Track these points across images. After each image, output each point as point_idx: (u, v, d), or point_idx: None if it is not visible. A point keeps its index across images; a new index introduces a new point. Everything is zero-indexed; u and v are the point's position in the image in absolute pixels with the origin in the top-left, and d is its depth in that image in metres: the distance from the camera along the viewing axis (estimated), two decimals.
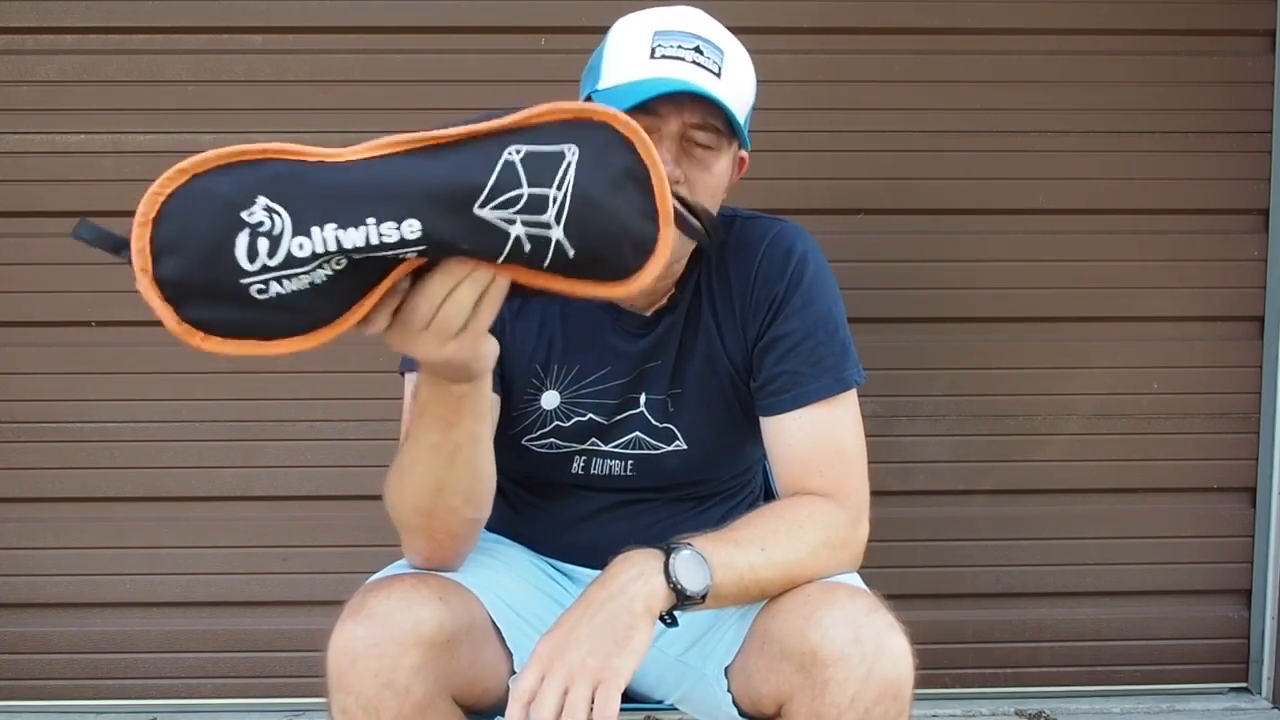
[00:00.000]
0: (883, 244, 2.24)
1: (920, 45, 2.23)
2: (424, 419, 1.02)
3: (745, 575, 1.07)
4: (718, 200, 1.20)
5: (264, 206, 0.78)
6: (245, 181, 0.79)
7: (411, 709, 1.02)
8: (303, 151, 0.82)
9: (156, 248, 0.79)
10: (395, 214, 0.79)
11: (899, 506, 2.29)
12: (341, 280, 0.82)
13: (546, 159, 0.81)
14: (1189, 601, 2.35)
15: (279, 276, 0.79)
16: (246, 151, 0.80)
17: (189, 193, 0.79)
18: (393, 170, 0.81)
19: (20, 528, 2.23)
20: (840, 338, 1.25)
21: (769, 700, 1.09)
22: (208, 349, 0.81)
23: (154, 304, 0.79)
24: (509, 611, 1.20)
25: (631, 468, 1.31)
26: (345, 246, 0.79)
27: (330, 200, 0.79)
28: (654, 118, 1.12)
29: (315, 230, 0.79)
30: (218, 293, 0.79)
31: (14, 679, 2.25)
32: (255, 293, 0.79)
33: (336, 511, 2.23)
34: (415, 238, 0.80)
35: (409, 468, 1.07)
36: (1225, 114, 2.25)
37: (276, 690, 2.26)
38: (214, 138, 2.16)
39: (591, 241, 0.83)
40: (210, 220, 0.78)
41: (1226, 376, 2.30)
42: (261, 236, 0.78)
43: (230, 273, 0.78)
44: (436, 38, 2.18)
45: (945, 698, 2.30)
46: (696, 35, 1.15)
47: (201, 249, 0.78)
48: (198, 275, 0.79)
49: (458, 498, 1.09)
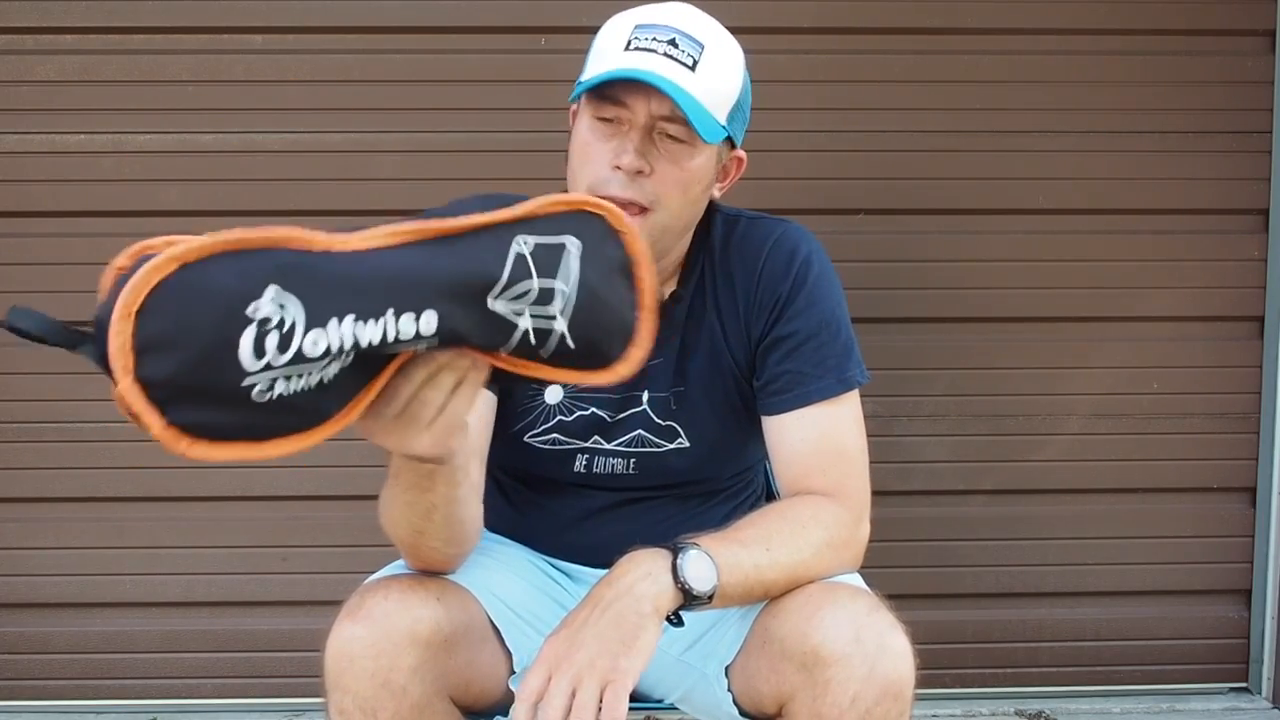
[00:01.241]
0: (883, 244, 2.24)
1: (920, 45, 2.23)
2: (398, 478, 1.00)
3: (750, 575, 1.07)
4: (696, 196, 1.19)
5: (272, 299, 0.71)
6: (249, 271, 0.72)
7: (409, 709, 1.02)
8: (305, 238, 0.75)
9: (140, 344, 0.70)
10: (413, 306, 0.75)
11: (899, 506, 2.29)
12: (346, 375, 0.77)
13: (552, 250, 0.81)
14: (1189, 601, 2.35)
15: (286, 375, 0.72)
16: (245, 239, 0.73)
17: (180, 283, 0.70)
18: (406, 261, 0.77)
19: (20, 528, 2.23)
20: (843, 338, 1.25)
21: (770, 700, 1.09)
22: (194, 456, 0.72)
23: (138, 407, 0.70)
24: (508, 612, 1.20)
25: (634, 466, 1.31)
26: (361, 342, 0.74)
27: (346, 291, 0.74)
28: (624, 109, 1.13)
29: (333, 323, 0.73)
30: (212, 394, 0.71)
31: (14, 679, 2.24)
32: (256, 395, 0.72)
33: (336, 511, 2.23)
34: (431, 332, 0.77)
35: (391, 508, 1.06)
36: (1225, 114, 2.25)
37: (276, 690, 2.26)
38: (214, 138, 2.17)
39: (590, 333, 0.84)
40: (210, 315, 0.70)
41: (1226, 376, 2.30)
42: (270, 331, 0.71)
43: (231, 372, 0.71)
44: (436, 38, 2.18)
45: (945, 698, 2.30)
46: (676, 29, 1.14)
47: (199, 346, 0.70)
48: (192, 375, 0.70)
49: (437, 540, 1.09)
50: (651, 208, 1.15)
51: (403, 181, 2.16)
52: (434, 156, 2.16)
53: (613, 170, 1.14)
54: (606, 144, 1.15)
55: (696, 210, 1.22)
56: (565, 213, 0.84)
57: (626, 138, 1.13)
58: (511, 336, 0.81)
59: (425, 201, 2.09)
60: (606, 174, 1.14)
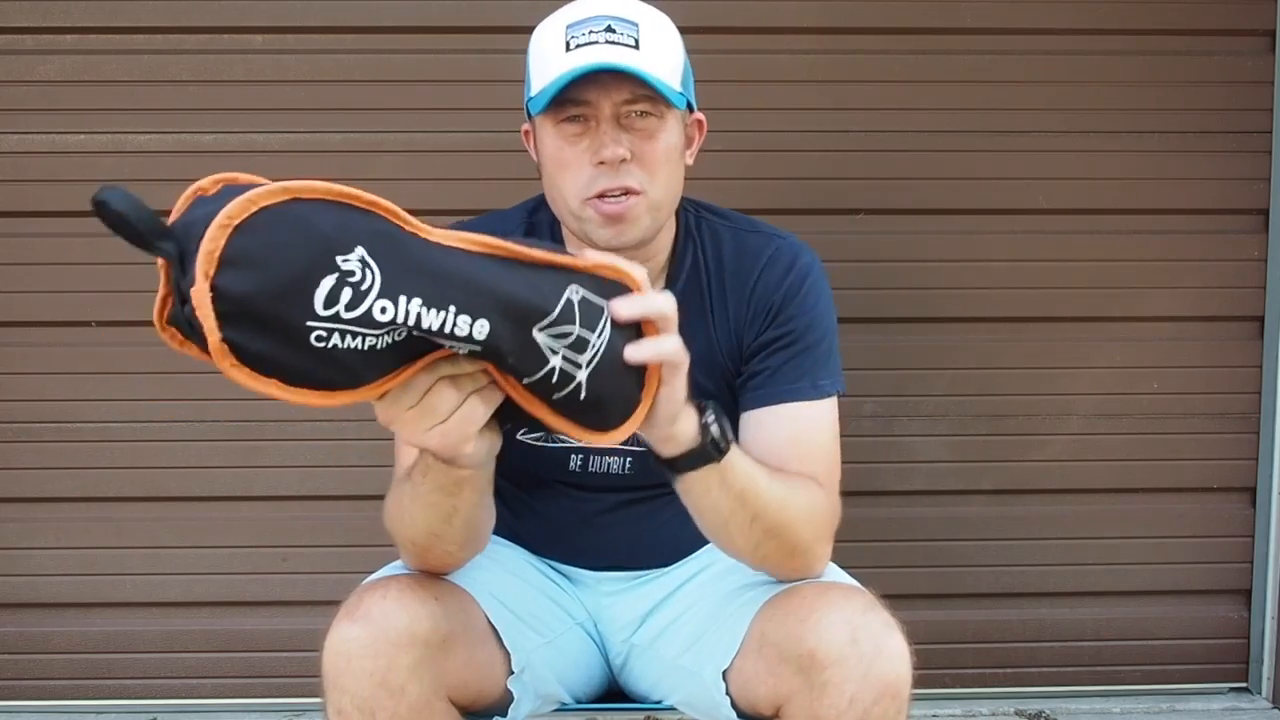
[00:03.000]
0: (882, 244, 2.24)
1: (920, 45, 2.22)
2: (425, 478, 1.00)
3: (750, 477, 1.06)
4: (676, 167, 1.20)
5: (360, 258, 0.75)
6: (349, 225, 0.76)
7: (407, 709, 1.02)
8: (402, 216, 0.80)
9: (228, 255, 0.72)
10: (473, 310, 0.80)
11: (899, 506, 2.29)
12: (391, 351, 0.80)
13: (594, 308, 0.87)
14: (1189, 601, 2.35)
15: (347, 330, 0.76)
16: (356, 196, 0.77)
17: (285, 213, 0.74)
18: (479, 269, 0.81)
19: (20, 528, 2.23)
20: (825, 346, 1.25)
21: (767, 703, 1.09)
22: (233, 376, 0.75)
23: (203, 311, 0.72)
24: (506, 612, 1.20)
25: (630, 466, 1.31)
26: (422, 324, 0.78)
27: (422, 275, 0.78)
28: (587, 106, 1.14)
29: (402, 299, 0.77)
30: (276, 325, 0.74)
31: (14, 679, 2.25)
32: (314, 339, 0.75)
33: (336, 511, 2.23)
34: (480, 338, 0.80)
35: (406, 508, 1.06)
36: (1225, 114, 2.25)
37: (276, 690, 2.26)
38: (214, 137, 2.17)
39: (601, 392, 0.88)
40: (303, 250, 0.74)
41: (1226, 376, 2.30)
42: (348, 286, 0.75)
43: (301, 311, 0.74)
44: (436, 38, 2.18)
45: (945, 698, 2.30)
46: (606, 16, 1.14)
47: (283, 276, 0.73)
48: (264, 300, 0.73)
49: (453, 545, 1.09)
50: (643, 189, 1.16)
51: (403, 181, 2.15)
52: (434, 156, 2.16)
53: (596, 168, 1.15)
54: (579, 146, 1.15)
55: (679, 182, 1.23)
56: (611, 280, 0.89)
57: (598, 133, 1.14)
58: (541, 369, 0.85)
59: (425, 201, 2.09)
60: (590, 173, 1.15)
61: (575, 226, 1.20)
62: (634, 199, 1.15)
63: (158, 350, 2.46)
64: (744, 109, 2.17)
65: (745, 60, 2.19)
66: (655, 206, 1.18)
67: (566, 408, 0.88)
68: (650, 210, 1.17)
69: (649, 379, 0.92)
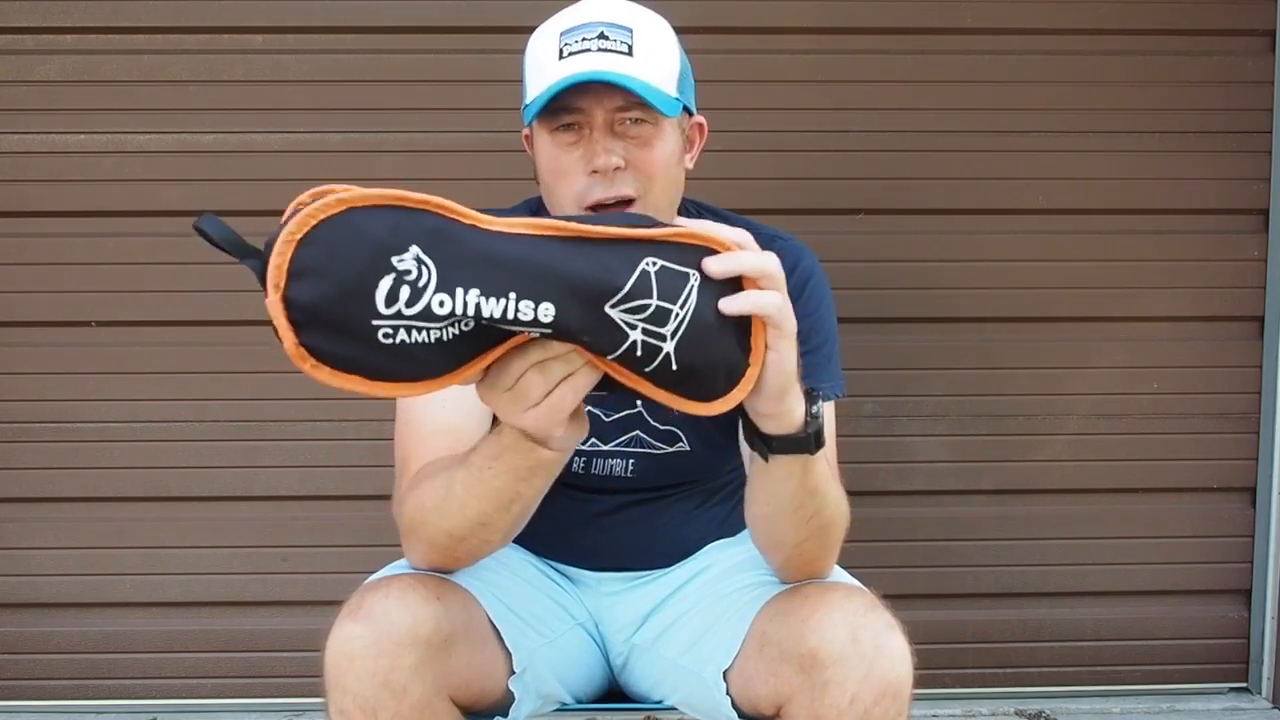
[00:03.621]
0: (882, 244, 2.24)
1: (920, 45, 2.23)
2: (497, 461, 0.98)
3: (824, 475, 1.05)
4: (673, 173, 1.20)
5: (415, 256, 0.80)
6: (402, 227, 0.80)
7: (409, 709, 1.02)
8: (457, 210, 0.83)
9: (295, 268, 0.79)
10: (535, 294, 0.81)
11: (899, 506, 2.29)
12: (462, 340, 0.83)
13: (676, 276, 0.86)
14: (1189, 601, 2.35)
15: (411, 326, 0.80)
16: (407, 198, 0.81)
17: (342, 223, 0.79)
18: (540, 252, 0.83)
19: (20, 528, 2.23)
20: (826, 351, 1.26)
21: (768, 702, 1.09)
22: (318, 377, 0.81)
23: (279, 323, 0.79)
24: (507, 612, 1.20)
25: (632, 468, 1.31)
26: (483, 314, 0.81)
27: (478, 266, 0.81)
28: (579, 114, 1.14)
29: (459, 291, 0.80)
30: (344, 327, 0.80)
31: (14, 679, 2.25)
32: (381, 336, 0.80)
33: (336, 511, 2.23)
34: (547, 321, 0.82)
35: (460, 497, 1.03)
36: (1225, 114, 2.25)
37: (276, 690, 2.26)
38: (214, 137, 2.17)
39: (694, 361, 0.88)
40: (360, 256, 0.79)
41: (1226, 376, 2.30)
42: (405, 284, 0.79)
43: (364, 311, 0.79)
44: (437, 38, 2.18)
45: (945, 698, 2.30)
46: (600, 22, 1.14)
47: (344, 281, 0.79)
48: (332, 306, 0.79)
49: (497, 534, 1.07)
50: (639, 196, 1.16)
51: (403, 181, 2.14)
52: (434, 156, 2.16)
53: (590, 176, 1.15)
54: (574, 153, 1.15)
55: (678, 186, 1.23)
56: (698, 246, 0.88)
57: (592, 140, 1.14)
58: (620, 345, 0.85)
59: None
60: (585, 181, 1.15)
61: None
62: (631, 207, 1.15)
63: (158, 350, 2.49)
64: (744, 109, 2.17)
65: (745, 60, 2.19)
66: (652, 211, 1.17)
67: (662, 379, 0.88)
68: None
69: (754, 343, 0.90)
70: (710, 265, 0.87)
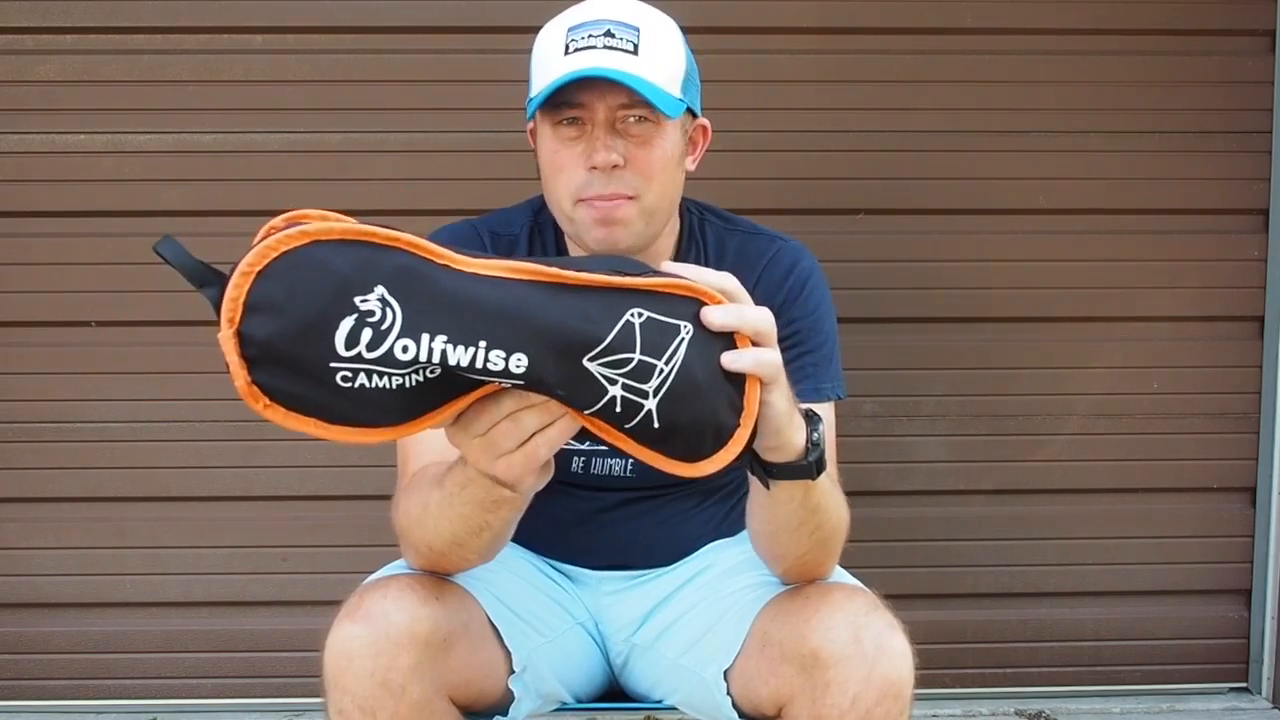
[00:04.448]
0: (883, 244, 2.24)
1: (919, 45, 2.22)
2: (464, 491, 0.97)
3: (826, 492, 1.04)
4: (673, 174, 1.20)
5: (380, 296, 0.76)
6: (369, 264, 0.76)
7: (408, 709, 1.02)
8: (430, 249, 0.78)
9: (252, 301, 0.75)
10: (507, 344, 0.77)
11: (899, 506, 2.29)
12: (427, 388, 0.79)
13: (663, 329, 0.82)
14: (1189, 601, 2.35)
15: (371, 370, 0.76)
16: (376, 234, 0.77)
17: (305, 257, 0.75)
18: (516, 298, 0.79)
19: (20, 528, 2.23)
20: (826, 351, 1.26)
21: (769, 702, 1.09)
22: (268, 417, 0.77)
23: (230, 358, 0.76)
24: (507, 611, 1.20)
25: (632, 468, 1.31)
26: (449, 362, 0.77)
27: (448, 310, 0.77)
28: (581, 110, 1.14)
29: (425, 337, 0.76)
30: (300, 367, 0.76)
31: (14, 679, 2.24)
32: (340, 380, 0.76)
33: (336, 511, 2.23)
34: (519, 372, 0.78)
35: (434, 516, 1.03)
36: (1225, 114, 2.25)
37: (276, 690, 2.25)
38: (214, 137, 2.17)
39: (678, 420, 0.83)
40: (321, 294, 0.75)
41: (1226, 376, 2.30)
42: (367, 326, 0.75)
43: (322, 352, 0.75)
44: (436, 38, 2.18)
45: (945, 698, 2.30)
46: (607, 20, 1.14)
47: (302, 319, 0.75)
48: (288, 344, 0.75)
49: (474, 554, 1.07)
50: (637, 195, 1.16)
51: (403, 181, 2.15)
52: (434, 156, 2.16)
53: (589, 172, 1.15)
54: (574, 149, 1.16)
55: (678, 187, 1.23)
56: (688, 297, 0.84)
57: (592, 137, 1.15)
58: (599, 400, 0.81)
59: (425, 202, 2.10)
60: (583, 178, 1.15)
61: (569, 229, 1.20)
62: (627, 204, 1.15)
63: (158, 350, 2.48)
64: (744, 109, 2.17)
65: (745, 60, 2.19)
66: (649, 212, 1.18)
67: (643, 436, 0.84)
68: (643, 216, 1.17)
69: (748, 402, 0.86)
70: (711, 317, 0.83)
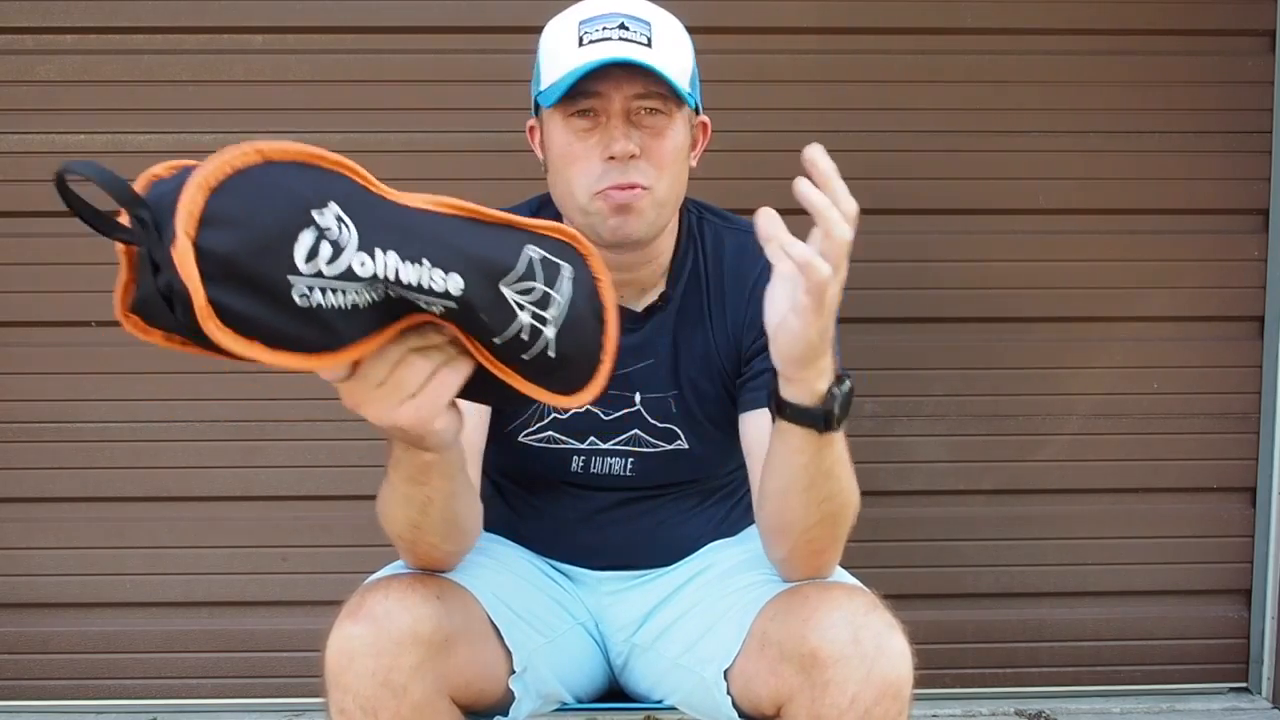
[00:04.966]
0: (882, 244, 2.24)
1: (920, 45, 2.23)
2: (395, 470, 1.00)
3: (843, 461, 1.04)
4: (681, 168, 1.21)
5: (335, 214, 0.76)
6: (321, 184, 0.77)
7: (409, 709, 1.02)
8: (368, 178, 0.81)
9: (207, 215, 0.72)
10: (446, 264, 0.80)
11: (899, 506, 2.29)
12: (372, 311, 0.80)
13: (553, 267, 0.87)
14: (1189, 601, 2.35)
15: (329, 286, 0.76)
16: (324, 157, 0.78)
17: (261, 174, 0.75)
18: (445, 226, 0.82)
19: (20, 528, 2.23)
20: None
21: (769, 702, 1.09)
22: (218, 339, 0.73)
23: (187, 271, 0.71)
24: (508, 611, 1.20)
25: (632, 467, 1.31)
26: (401, 279, 0.78)
27: (395, 231, 0.79)
28: (598, 99, 1.14)
29: (379, 253, 0.77)
30: (259, 282, 0.73)
31: (14, 679, 2.25)
32: (297, 296, 0.74)
33: (336, 511, 2.23)
34: (456, 293, 0.80)
35: (387, 504, 1.06)
36: (1225, 114, 2.25)
37: (276, 690, 2.26)
38: (214, 137, 2.16)
39: (569, 350, 0.88)
40: (279, 208, 0.74)
41: (1226, 376, 2.30)
42: (326, 241, 0.75)
43: (282, 266, 0.73)
44: (436, 38, 2.18)
45: (945, 698, 2.30)
46: (619, 14, 1.16)
47: (262, 231, 0.73)
48: (248, 257, 0.72)
49: (434, 536, 1.09)
50: (650, 185, 1.17)
51: (403, 181, 2.15)
52: (434, 156, 2.16)
53: (606, 162, 1.15)
54: (589, 140, 1.16)
55: (684, 181, 1.23)
56: (563, 242, 0.89)
57: (608, 127, 1.15)
58: (510, 324, 0.84)
59: None
60: (600, 168, 1.16)
61: (582, 221, 1.20)
62: (641, 193, 1.16)
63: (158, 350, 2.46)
64: (744, 109, 2.17)
65: (745, 60, 2.19)
66: (660, 204, 1.18)
67: (536, 370, 0.88)
68: (655, 207, 1.18)
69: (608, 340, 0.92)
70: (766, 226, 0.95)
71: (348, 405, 0.86)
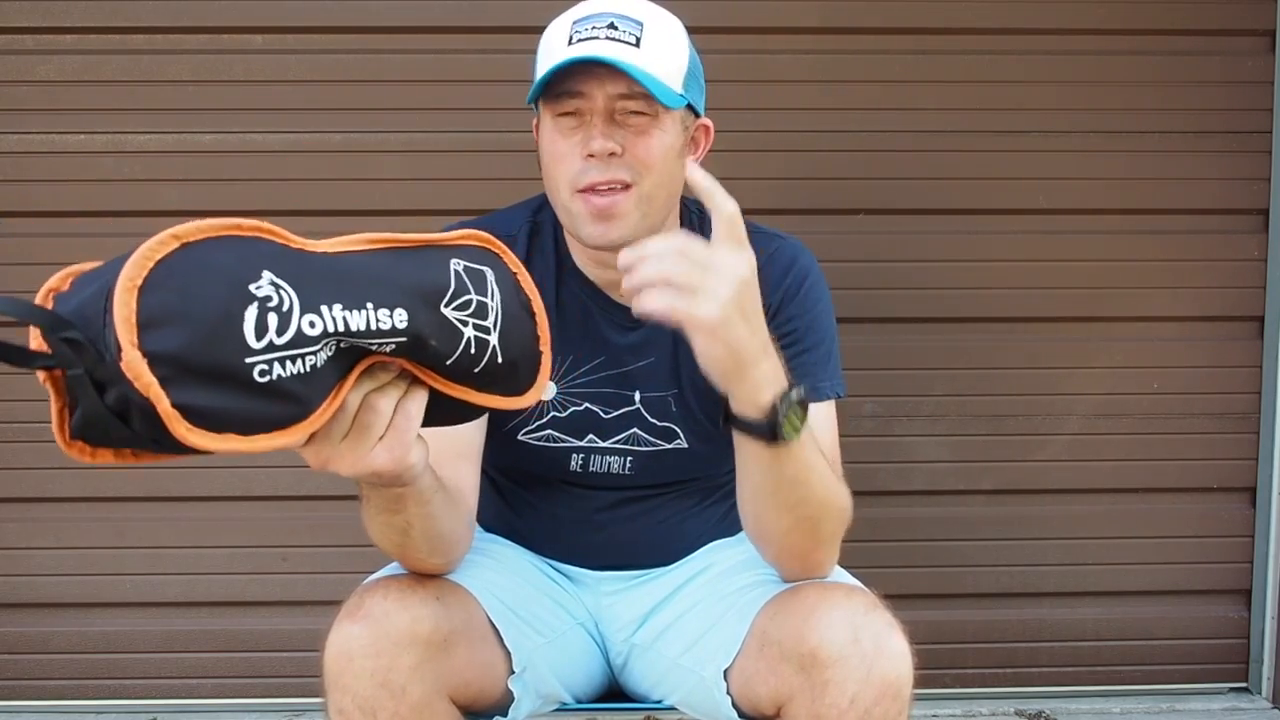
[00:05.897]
0: (883, 244, 2.24)
1: (919, 45, 2.23)
2: (369, 505, 1.00)
3: (809, 468, 1.04)
4: (671, 168, 1.19)
5: (270, 282, 0.73)
6: (246, 255, 0.73)
7: (408, 709, 1.02)
8: (284, 235, 0.78)
9: (144, 318, 0.68)
10: (388, 302, 0.79)
11: (899, 506, 2.29)
12: (330, 365, 0.78)
13: (479, 274, 0.88)
14: (1189, 601, 2.35)
15: (285, 357, 0.73)
16: (239, 225, 0.75)
17: (184, 259, 0.70)
18: (375, 264, 0.81)
19: (20, 528, 2.23)
20: (825, 349, 1.26)
21: (768, 702, 1.09)
22: (192, 441, 0.70)
23: (144, 382, 0.67)
24: (507, 611, 1.20)
25: (630, 465, 1.31)
26: (350, 328, 0.76)
27: (331, 283, 0.77)
28: (582, 99, 1.15)
29: (324, 309, 0.75)
30: (217, 372, 0.70)
31: (14, 679, 2.25)
32: (257, 374, 0.71)
33: (336, 511, 2.22)
34: (403, 327, 0.80)
35: (367, 525, 1.05)
36: (1225, 114, 2.25)
37: (276, 690, 2.26)
38: (214, 138, 2.17)
39: (514, 352, 0.90)
40: (216, 292, 0.70)
41: (1226, 376, 2.30)
42: (270, 312, 0.72)
43: (235, 350, 0.70)
44: (436, 38, 2.18)
45: (945, 698, 2.30)
46: (612, 13, 1.16)
47: (205, 320, 0.69)
48: (199, 350, 0.69)
49: (421, 552, 1.09)
50: (633, 182, 1.16)
51: (403, 181, 2.16)
52: (434, 156, 2.16)
53: (586, 160, 1.15)
54: (573, 138, 1.16)
55: (676, 181, 1.22)
56: (478, 247, 0.91)
57: (591, 125, 1.15)
58: (458, 344, 0.85)
59: (425, 202, 2.10)
60: (580, 165, 1.16)
61: (566, 220, 1.21)
62: (623, 194, 1.15)
63: None
64: (744, 109, 2.17)
65: (745, 60, 2.19)
66: (646, 200, 1.17)
67: (487, 380, 0.88)
68: (640, 204, 1.17)
69: (541, 330, 0.94)
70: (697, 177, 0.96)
71: (315, 466, 0.84)
